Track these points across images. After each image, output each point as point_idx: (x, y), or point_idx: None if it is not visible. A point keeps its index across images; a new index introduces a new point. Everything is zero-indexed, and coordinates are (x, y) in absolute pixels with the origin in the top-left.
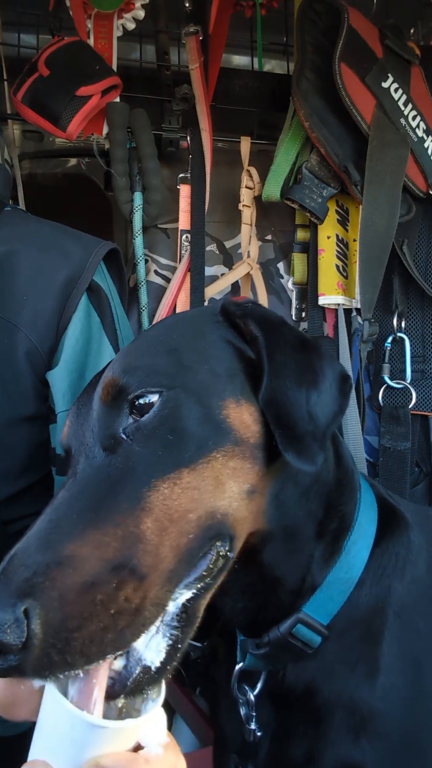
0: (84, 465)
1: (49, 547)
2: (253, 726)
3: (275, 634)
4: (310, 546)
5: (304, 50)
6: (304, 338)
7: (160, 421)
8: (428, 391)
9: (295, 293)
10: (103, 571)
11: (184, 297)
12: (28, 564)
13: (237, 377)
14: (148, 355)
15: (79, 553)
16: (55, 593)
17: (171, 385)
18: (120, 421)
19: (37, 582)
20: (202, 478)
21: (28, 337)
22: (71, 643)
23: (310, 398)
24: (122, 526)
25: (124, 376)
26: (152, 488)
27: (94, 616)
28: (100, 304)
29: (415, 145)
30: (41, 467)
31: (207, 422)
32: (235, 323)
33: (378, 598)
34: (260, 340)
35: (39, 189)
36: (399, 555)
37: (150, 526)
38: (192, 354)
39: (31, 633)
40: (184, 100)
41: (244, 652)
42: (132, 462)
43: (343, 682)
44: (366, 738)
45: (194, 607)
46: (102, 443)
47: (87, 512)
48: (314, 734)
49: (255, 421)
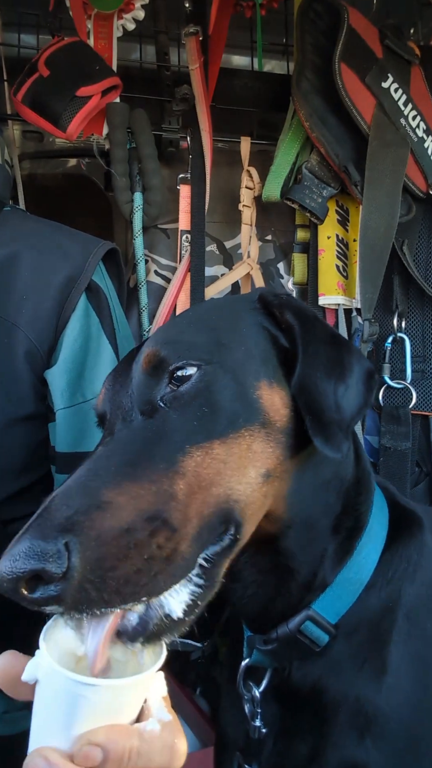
0: (122, 426)
1: (89, 492)
2: (257, 723)
3: (284, 630)
4: (325, 540)
5: (304, 50)
6: (335, 334)
7: (197, 392)
8: (428, 391)
9: (295, 293)
10: (139, 519)
11: (184, 297)
12: (69, 504)
13: (271, 361)
14: (188, 331)
15: (117, 500)
16: (94, 533)
17: (209, 360)
18: (159, 389)
19: (77, 520)
20: (230, 452)
21: (28, 336)
22: (107, 581)
23: (338, 390)
24: (157, 483)
25: (165, 348)
26: (186, 454)
27: (129, 558)
28: (99, 304)
29: (415, 145)
30: (41, 466)
31: (240, 399)
32: (272, 312)
33: (388, 600)
34: (296, 329)
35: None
36: (411, 558)
37: (182, 487)
38: (230, 334)
39: (71, 565)
40: (184, 100)
41: (251, 648)
42: (168, 427)
43: (350, 682)
44: (371, 738)
45: (215, 569)
46: (140, 408)
47: (125, 466)
48: (319, 733)
49: (284, 406)
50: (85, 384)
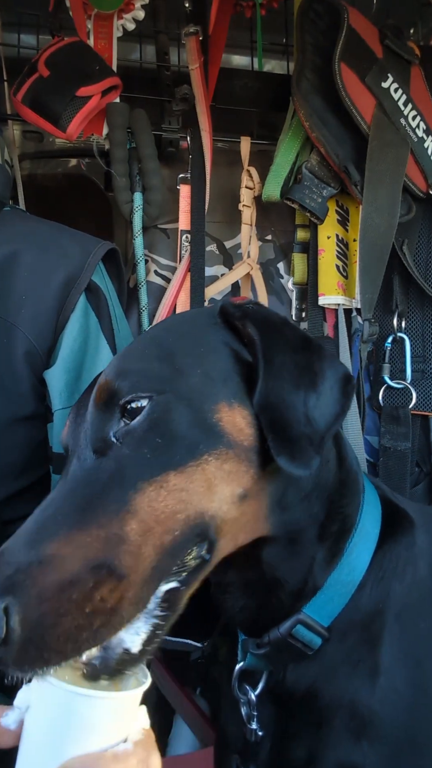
0: (75, 466)
1: (33, 546)
2: (254, 726)
3: (275, 635)
4: (312, 549)
5: (304, 50)
6: (305, 339)
7: (149, 424)
8: (428, 391)
9: (295, 293)
10: (82, 570)
11: (184, 297)
12: (11, 562)
13: (231, 380)
14: (142, 359)
15: (61, 552)
16: (34, 591)
17: (162, 389)
18: (111, 425)
19: (18, 580)
20: (190, 480)
21: (27, 336)
22: (47, 639)
23: (308, 400)
24: (106, 528)
25: (116, 380)
26: (138, 491)
27: (69, 614)
28: (98, 304)
29: (415, 145)
30: (40, 467)
31: (197, 426)
32: (233, 325)
33: (378, 600)
34: (257, 343)
35: (39, 189)
36: (401, 557)
37: (134, 527)
38: (186, 357)
39: (10, 628)
40: (184, 100)
41: (245, 652)
42: (120, 465)
43: (344, 684)
44: (366, 740)
45: (176, 597)
46: (93, 446)
47: (73, 513)
48: (315, 736)
49: (249, 425)
50: (83, 385)
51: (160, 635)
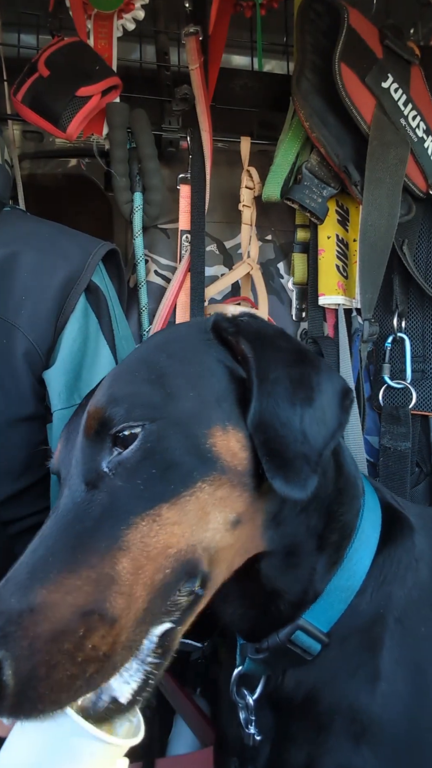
0: (66, 500)
1: (23, 593)
2: (252, 730)
3: (274, 640)
4: (312, 559)
5: (304, 50)
6: (301, 352)
7: (142, 455)
8: (428, 391)
9: (295, 293)
10: (72, 618)
11: (184, 297)
12: (2, 611)
13: (226, 401)
14: (132, 382)
15: (51, 599)
16: (26, 642)
17: (154, 417)
18: (103, 455)
19: (9, 631)
20: (184, 512)
21: (27, 337)
22: (40, 691)
23: (304, 416)
24: (97, 568)
25: (107, 408)
26: (130, 526)
27: (61, 665)
28: (98, 305)
29: (415, 145)
30: (40, 468)
31: (191, 453)
32: (226, 341)
33: (379, 604)
34: (250, 360)
35: (39, 189)
36: (401, 561)
37: (126, 566)
38: (178, 379)
39: (3, 683)
40: (184, 100)
41: (243, 656)
42: (112, 498)
43: (344, 689)
44: (366, 745)
45: (170, 639)
46: (84, 477)
47: (64, 553)
48: (314, 740)
49: (243, 448)
50: (82, 385)
51: (152, 685)
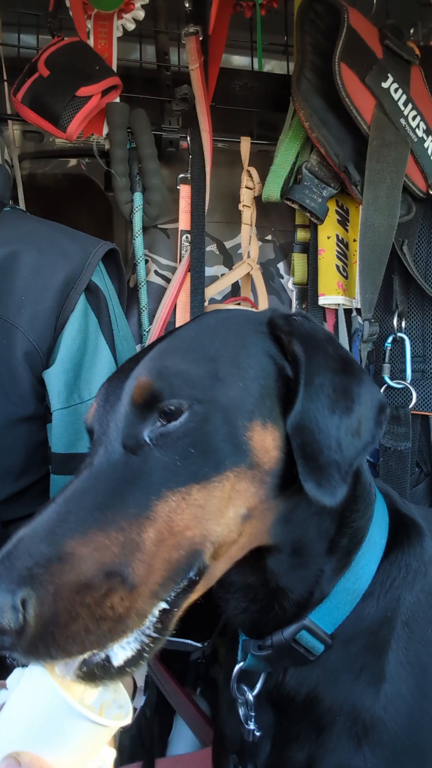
0: (102, 458)
1: (53, 540)
2: (251, 726)
3: (279, 638)
4: (321, 561)
5: (304, 51)
6: (347, 361)
7: (184, 432)
8: (428, 391)
9: (295, 293)
10: (98, 575)
11: (185, 297)
12: (32, 553)
13: (269, 398)
14: (185, 360)
15: (80, 552)
16: (51, 588)
17: (203, 398)
18: (146, 424)
19: (37, 573)
20: (210, 497)
21: (27, 337)
22: (56, 638)
23: (341, 426)
24: (125, 532)
25: (158, 380)
26: (161, 498)
27: (80, 617)
28: (98, 304)
29: (415, 145)
30: (40, 467)
31: (229, 441)
32: (279, 338)
33: (386, 608)
34: (301, 362)
35: (39, 189)
36: (410, 566)
37: (151, 535)
38: (230, 367)
39: (26, 621)
40: (184, 100)
41: (245, 652)
42: (149, 467)
43: (346, 690)
44: (368, 746)
45: (167, 619)
46: (124, 441)
47: (95, 510)
48: (315, 740)
49: (276, 447)
50: (82, 385)
51: (145, 658)
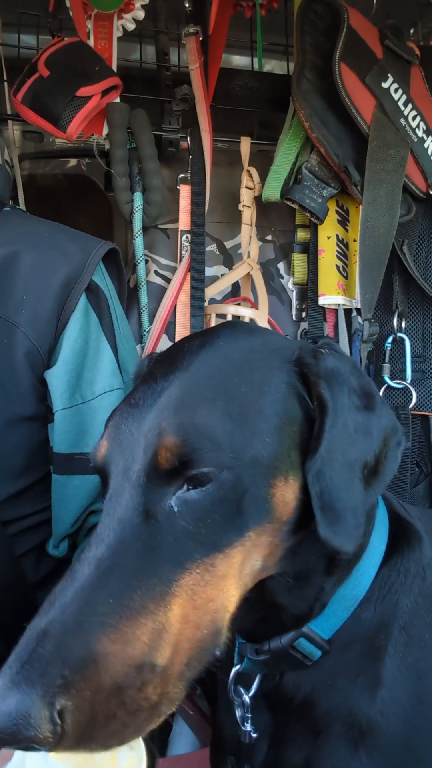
0: (123, 523)
1: (84, 638)
2: (248, 728)
3: (276, 644)
4: (320, 580)
5: (304, 51)
6: (369, 394)
7: (212, 500)
8: (428, 391)
9: (295, 293)
10: (131, 672)
11: (185, 297)
12: (64, 656)
13: (294, 450)
14: (212, 414)
15: (113, 650)
16: (88, 695)
17: (232, 465)
18: (171, 490)
19: (72, 681)
20: (231, 564)
21: (28, 337)
22: (96, 737)
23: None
24: (152, 616)
25: (186, 443)
26: (185, 571)
27: (119, 717)
28: (99, 304)
29: (415, 145)
30: (41, 467)
31: (254, 503)
32: (306, 378)
33: (384, 613)
34: (329, 408)
35: (39, 189)
36: (408, 571)
37: (176, 613)
38: (258, 418)
39: (64, 731)
40: (184, 100)
41: (242, 656)
42: (173, 538)
43: (343, 694)
44: (365, 750)
45: None
46: (146, 505)
47: (124, 595)
48: (312, 744)
49: (294, 499)
50: (84, 385)
51: (158, 722)
